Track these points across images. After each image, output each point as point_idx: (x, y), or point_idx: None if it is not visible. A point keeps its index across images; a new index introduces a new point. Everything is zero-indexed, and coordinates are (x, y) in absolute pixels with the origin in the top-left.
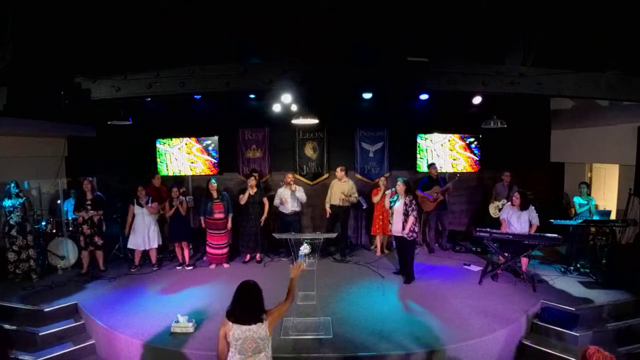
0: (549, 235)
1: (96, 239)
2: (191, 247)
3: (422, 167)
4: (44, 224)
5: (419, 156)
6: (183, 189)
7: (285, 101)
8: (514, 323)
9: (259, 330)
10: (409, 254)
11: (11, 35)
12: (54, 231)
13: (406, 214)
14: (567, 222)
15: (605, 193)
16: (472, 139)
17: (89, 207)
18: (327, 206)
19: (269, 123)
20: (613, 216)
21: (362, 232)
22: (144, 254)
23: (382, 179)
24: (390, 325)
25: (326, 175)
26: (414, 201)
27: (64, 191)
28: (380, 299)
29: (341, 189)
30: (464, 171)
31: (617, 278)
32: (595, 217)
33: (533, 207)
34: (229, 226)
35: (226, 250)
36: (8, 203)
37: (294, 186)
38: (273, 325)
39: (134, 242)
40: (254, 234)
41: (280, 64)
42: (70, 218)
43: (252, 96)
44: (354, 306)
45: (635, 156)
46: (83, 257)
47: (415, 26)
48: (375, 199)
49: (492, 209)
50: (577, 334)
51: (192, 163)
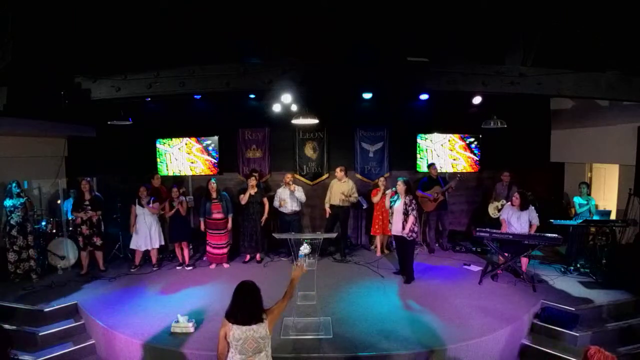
0: (549, 235)
1: (95, 239)
2: (191, 247)
3: (422, 167)
4: (44, 224)
5: (419, 156)
6: (183, 189)
7: (285, 101)
8: (514, 323)
9: (260, 330)
10: (408, 253)
11: (11, 35)
12: (54, 231)
13: (406, 214)
14: (567, 222)
15: (605, 193)
16: (472, 139)
17: (87, 207)
18: (327, 206)
19: (269, 123)
20: (613, 216)
21: (362, 232)
22: (145, 253)
23: (382, 179)
24: (390, 325)
25: (326, 175)
26: (414, 201)
27: (63, 191)
28: (380, 299)
29: (341, 189)
30: (464, 171)
31: (617, 278)
32: (595, 217)
33: (533, 207)
34: (229, 226)
35: (226, 250)
36: (9, 203)
37: (292, 186)
38: (273, 324)
39: (136, 243)
40: (254, 234)
41: (280, 64)
42: (69, 218)
43: (252, 96)
44: (354, 306)
45: (635, 156)
46: (82, 258)
47: (415, 26)
48: (375, 199)
49: (491, 210)
50: (577, 334)
51: (192, 163)
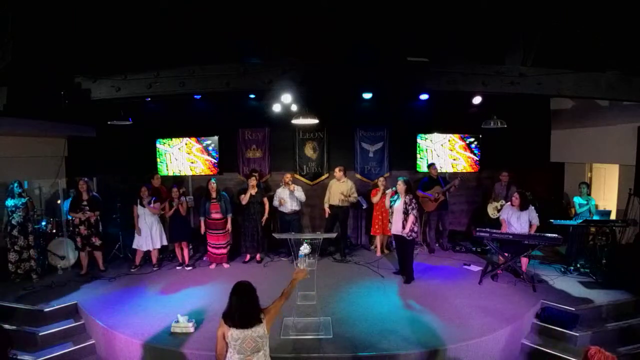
0: (549, 235)
1: (94, 239)
2: (191, 247)
3: (422, 167)
4: (44, 223)
5: (419, 156)
6: (183, 189)
7: (285, 101)
8: (514, 323)
9: (258, 329)
10: (408, 253)
11: (11, 35)
12: (54, 231)
13: (406, 213)
14: (567, 222)
15: (605, 193)
16: (472, 139)
17: (85, 207)
18: (326, 206)
19: (269, 123)
20: (613, 216)
21: (362, 232)
22: (145, 253)
23: (381, 179)
24: (390, 325)
25: (326, 175)
26: (414, 200)
27: (63, 191)
28: (380, 299)
29: (340, 189)
30: (464, 171)
31: (617, 278)
32: (595, 217)
33: (533, 207)
34: (228, 226)
35: (226, 250)
36: (10, 203)
37: (292, 186)
38: (270, 323)
39: (137, 243)
40: (255, 233)
41: (280, 64)
42: (69, 218)
43: (252, 96)
44: (354, 306)
45: (635, 156)
46: (82, 258)
47: (415, 26)
48: (375, 199)
49: (490, 210)
50: (577, 334)
51: (192, 163)
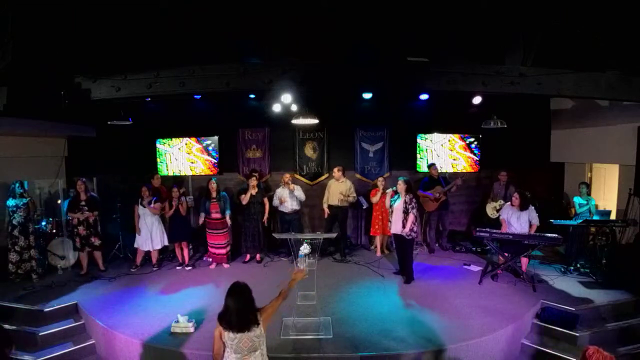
0: (549, 235)
1: (93, 239)
2: (191, 247)
3: (422, 167)
4: (44, 223)
5: (419, 156)
6: (183, 189)
7: (285, 101)
8: (514, 323)
9: (254, 330)
10: (408, 253)
11: (11, 35)
12: (54, 231)
13: (406, 212)
14: (567, 222)
15: (605, 193)
16: (472, 139)
17: (84, 208)
18: (325, 206)
19: (269, 123)
20: (613, 216)
21: (362, 232)
22: (145, 253)
23: (380, 179)
24: (390, 325)
25: (326, 175)
26: (414, 199)
27: (63, 191)
28: (381, 298)
29: (339, 189)
30: (464, 171)
31: (617, 278)
32: (595, 217)
33: (533, 207)
34: (228, 226)
35: (226, 250)
36: (12, 203)
37: (292, 185)
38: (267, 323)
39: (138, 243)
40: (257, 234)
41: (280, 64)
42: (68, 218)
43: (252, 96)
44: (354, 306)
45: (635, 156)
46: (81, 258)
47: (415, 26)
48: (374, 199)
49: (489, 210)
50: (577, 334)
51: (192, 163)
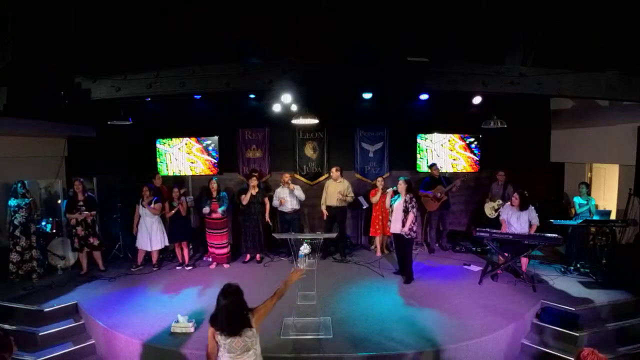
0: (549, 235)
1: (91, 239)
2: (191, 247)
3: (422, 167)
4: (44, 223)
5: (419, 156)
6: (184, 190)
7: (285, 101)
8: (514, 323)
9: (246, 331)
10: (407, 253)
11: (11, 35)
12: (54, 231)
13: (406, 211)
14: (567, 222)
15: (605, 193)
16: (472, 139)
17: (82, 208)
18: (323, 207)
19: (269, 123)
20: (613, 216)
21: (362, 232)
22: (146, 253)
23: (380, 179)
24: (390, 325)
25: (326, 175)
26: (414, 199)
27: (63, 190)
28: (380, 299)
29: (337, 189)
30: (464, 171)
31: (617, 278)
32: (595, 217)
33: (533, 207)
34: (229, 226)
35: (226, 250)
36: (14, 203)
37: (291, 185)
38: (260, 322)
39: (139, 242)
40: (257, 234)
41: (280, 64)
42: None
43: (252, 96)
44: (354, 306)
45: (635, 156)
46: (81, 258)
47: (415, 26)
48: (374, 199)
49: (487, 210)
50: (577, 334)
51: (192, 163)
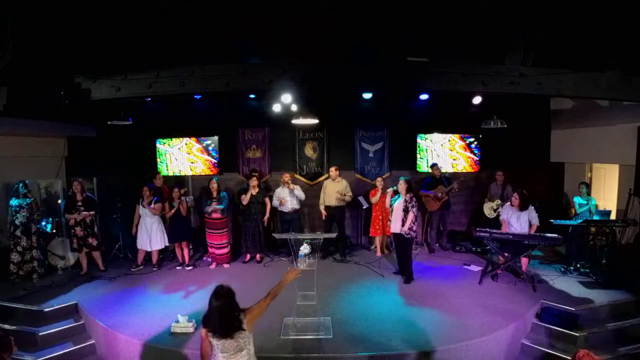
0: (549, 235)
1: (90, 240)
2: (191, 247)
3: (422, 167)
4: (43, 223)
5: (419, 156)
6: (185, 190)
7: (285, 101)
8: (514, 323)
9: (238, 333)
10: (407, 252)
11: (11, 35)
12: (54, 231)
13: (406, 210)
14: (567, 222)
15: (605, 193)
16: (472, 139)
17: (80, 208)
18: (322, 208)
19: (269, 123)
20: (613, 216)
21: (362, 232)
22: (147, 253)
23: (379, 179)
24: (390, 325)
25: (326, 175)
26: (414, 198)
27: (63, 190)
28: (380, 299)
29: (335, 188)
30: (464, 171)
31: (617, 278)
32: (595, 217)
33: (533, 207)
34: (229, 226)
35: (226, 250)
36: (15, 202)
37: (291, 185)
38: (253, 323)
39: (139, 242)
40: (257, 234)
41: (280, 64)
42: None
43: (252, 96)
44: (354, 306)
45: (635, 156)
46: (81, 258)
47: (415, 26)
48: (374, 199)
49: (486, 210)
50: (577, 334)
51: (192, 163)
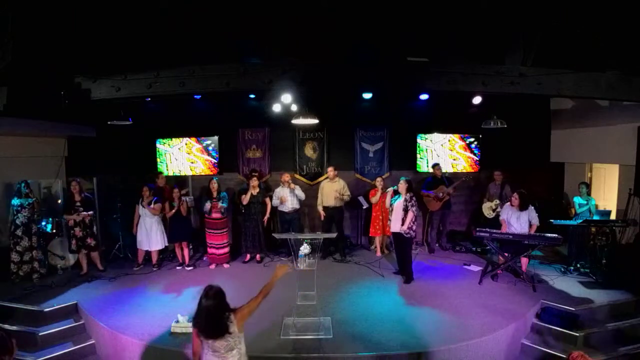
0: (549, 235)
1: (89, 240)
2: (191, 247)
3: (422, 167)
4: (43, 223)
5: (419, 156)
6: (185, 190)
7: (285, 101)
8: (514, 323)
9: (227, 333)
10: (406, 252)
11: (11, 35)
12: (54, 231)
13: (405, 210)
14: (567, 222)
15: (605, 193)
16: (472, 139)
17: (79, 208)
18: (320, 209)
19: (269, 123)
20: (613, 216)
21: (362, 233)
22: (146, 253)
23: (379, 179)
24: (390, 325)
25: (326, 176)
26: (414, 198)
27: (63, 190)
28: (380, 299)
29: (334, 188)
30: (464, 171)
31: (617, 278)
32: (595, 217)
33: (532, 207)
34: (229, 226)
35: (226, 250)
36: (17, 202)
37: (292, 185)
38: (243, 322)
39: (138, 242)
40: (257, 234)
41: (280, 64)
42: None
43: (252, 96)
44: (354, 306)
45: (635, 156)
46: (81, 258)
47: (415, 26)
48: (374, 199)
49: (485, 210)
50: (577, 334)
51: (192, 163)
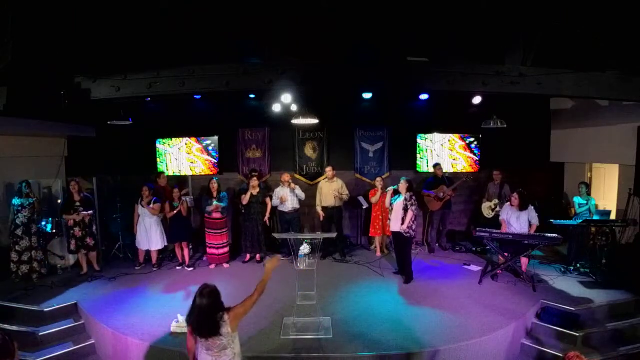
0: (549, 235)
1: (88, 240)
2: (191, 247)
3: (422, 167)
4: (43, 223)
5: (419, 156)
6: (186, 190)
7: (285, 101)
8: (514, 323)
9: (222, 329)
10: (406, 252)
11: (11, 35)
12: (54, 231)
13: (405, 209)
14: (567, 222)
15: (605, 193)
16: (472, 139)
17: (79, 208)
18: (319, 209)
19: (269, 123)
20: (613, 216)
21: (361, 233)
22: (147, 253)
23: (379, 179)
24: (390, 325)
25: (325, 176)
26: (414, 197)
27: (63, 190)
28: (381, 298)
29: (332, 187)
30: (464, 171)
31: (617, 278)
32: (595, 217)
33: (532, 207)
34: (229, 226)
35: (226, 250)
36: (17, 202)
37: (292, 185)
38: (237, 322)
39: (138, 242)
40: (257, 234)
41: (280, 64)
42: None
43: (252, 96)
44: (354, 306)
45: (635, 156)
46: (80, 258)
47: (415, 26)
48: (374, 199)
49: (485, 210)
50: (577, 334)
51: (192, 163)
